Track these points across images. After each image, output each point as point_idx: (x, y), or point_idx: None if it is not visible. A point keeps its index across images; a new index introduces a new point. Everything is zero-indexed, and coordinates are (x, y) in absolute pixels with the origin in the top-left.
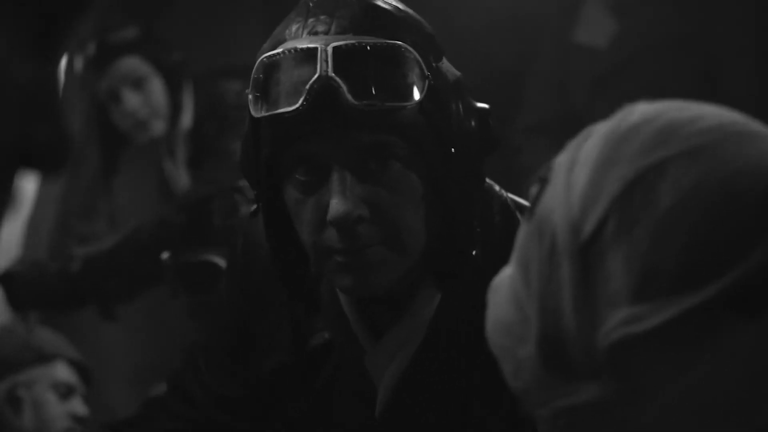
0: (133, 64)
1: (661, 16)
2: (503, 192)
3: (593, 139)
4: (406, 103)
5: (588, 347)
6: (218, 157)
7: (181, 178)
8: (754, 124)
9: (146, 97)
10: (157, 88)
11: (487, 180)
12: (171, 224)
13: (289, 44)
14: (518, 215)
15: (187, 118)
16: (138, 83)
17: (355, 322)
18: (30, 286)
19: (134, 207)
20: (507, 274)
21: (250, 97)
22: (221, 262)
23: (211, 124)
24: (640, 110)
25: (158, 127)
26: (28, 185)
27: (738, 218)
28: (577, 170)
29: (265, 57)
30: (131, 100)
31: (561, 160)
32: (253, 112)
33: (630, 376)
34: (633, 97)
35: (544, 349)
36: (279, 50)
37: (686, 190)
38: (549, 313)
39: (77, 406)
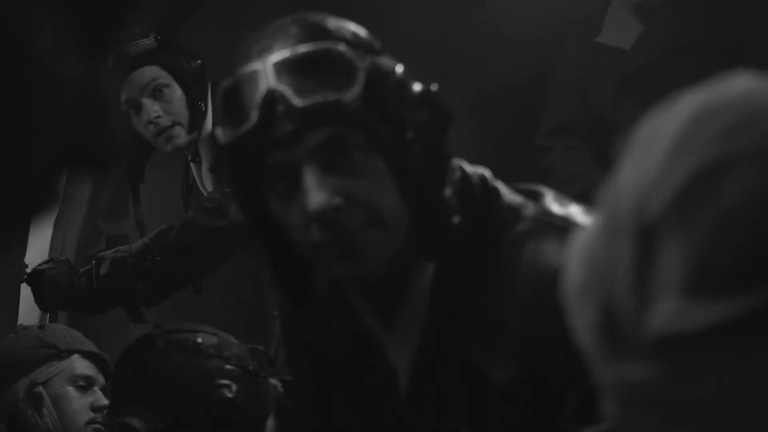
0: (151, 73)
1: (686, 17)
2: (479, 169)
3: (678, 111)
4: (345, 95)
5: (638, 329)
6: None
7: (206, 182)
8: None
9: (166, 106)
10: (176, 95)
11: (460, 162)
12: (197, 225)
13: (239, 72)
14: (499, 190)
15: (208, 123)
16: (157, 92)
17: (365, 311)
18: (57, 286)
19: (162, 213)
20: (587, 231)
21: (218, 129)
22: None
23: None
24: (735, 88)
25: (180, 134)
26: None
27: None
28: (653, 144)
29: (221, 88)
30: (151, 109)
31: (643, 127)
32: (221, 142)
33: (673, 365)
34: (657, 98)
35: (601, 320)
36: (230, 79)
37: (753, 188)
38: (608, 286)
39: (98, 397)
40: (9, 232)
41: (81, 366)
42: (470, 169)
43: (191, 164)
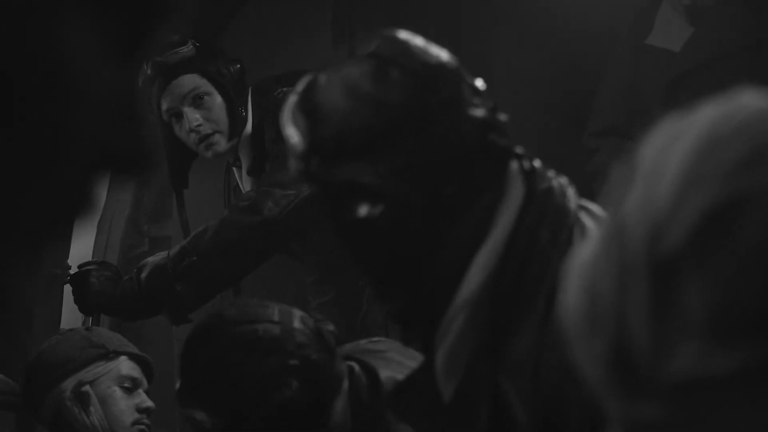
0: (191, 81)
1: (735, 19)
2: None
3: (688, 136)
4: None
5: (656, 369)
6: (279, 161)
7: (245, 184)
8: None
9: (207, 113)
10: (216, 103)
11: None
12: (231, 223)
13: None
14: None
15: (248, 127)
16: (198, 100)
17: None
18: (101, 290)
19: (206, 216)
20: (584, 257)
21: None
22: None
23: (270, 130)
24: (744, 109)
25: (220, 141)
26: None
27: None
28: (664, 172)
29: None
30: (192, 117)
31: (647, 153)
32: None
33: (689, 410)
34: (705, 99)
35: (611, 355)
36: None
37: None
38: (618, 322)
39: (143, 399)
40: (48, 236)
41: (127, 367)
42: (551, 173)
43: (233, 168)
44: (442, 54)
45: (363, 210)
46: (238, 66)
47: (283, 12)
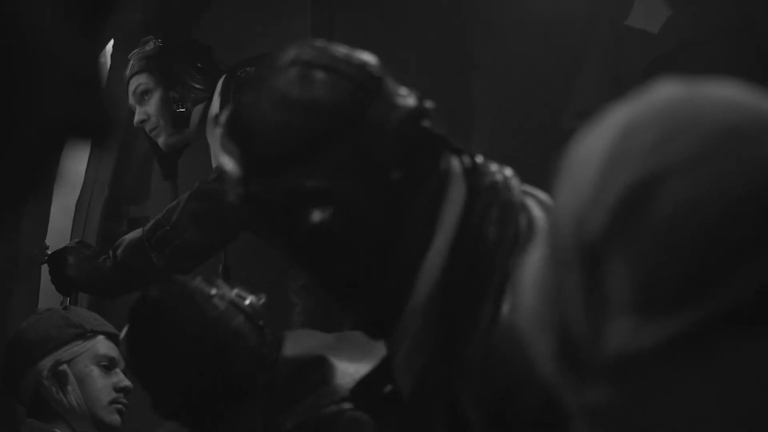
0: (139, 79)
1: (714, 1)
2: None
3: (606, 128)
4: None
5: (595, 352)
6: None
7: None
8: None
9: (148, 109)
10: (155, 99)
11: None
12: (202, 193)
13: None
14: None
15: (215, 109)
16: (142, 97)
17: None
18: (79, 269)
19: None
20: (534, 257)
21: None
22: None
23: None
24: (660, 97)
25: (161, 134)
26: (77, 167)
27: (738, 231)
28: (585, 164)
29: None
30: (138, 113)
31: (576, 149)
32: None
33: (632, 385)
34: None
35: (560, 348)
36: None
37: (686, 202)
38: (562, 314)
39: (120, 378)
40: (5, 211)
41: (105, 347)
42: (494, 167)
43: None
44: (362, 53)
45: (315, 216)
46: (199, 63)
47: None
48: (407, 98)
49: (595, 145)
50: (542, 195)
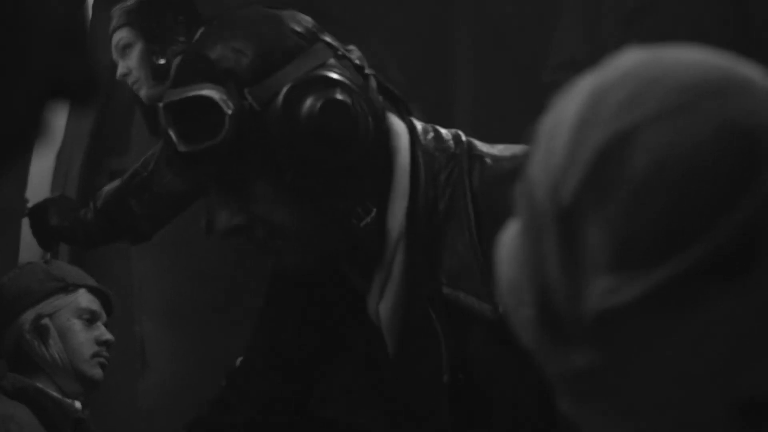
0: (120, 33)
1: None
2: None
3: (575, 95)
4: (214, 140)
5: (574, 314)
6: None
7: None
8: (748, 75)
9: (129, 63)
10: (135, 53)
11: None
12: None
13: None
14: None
15: None
16: (123, 50)
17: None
18: (60, 221)
19: None
20: (511, 231)
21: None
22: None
23: None
24: (626, 62)
25: (142, 87)
26: (57, 121)
27: (710, 183)
28: (557, 131)
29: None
30: (120, 66)
31: (546, 118)
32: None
33: (613, 344)
34: (664, 31)
35: (539, 313)
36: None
37: (656, 156)
38: (540, 280)
39: (102, 332)
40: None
41: (86, 300)
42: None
43: None
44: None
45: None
46: (181, 16)
47: None
48: (353, 52)
49: (565, 112)
50: (483, 146)
